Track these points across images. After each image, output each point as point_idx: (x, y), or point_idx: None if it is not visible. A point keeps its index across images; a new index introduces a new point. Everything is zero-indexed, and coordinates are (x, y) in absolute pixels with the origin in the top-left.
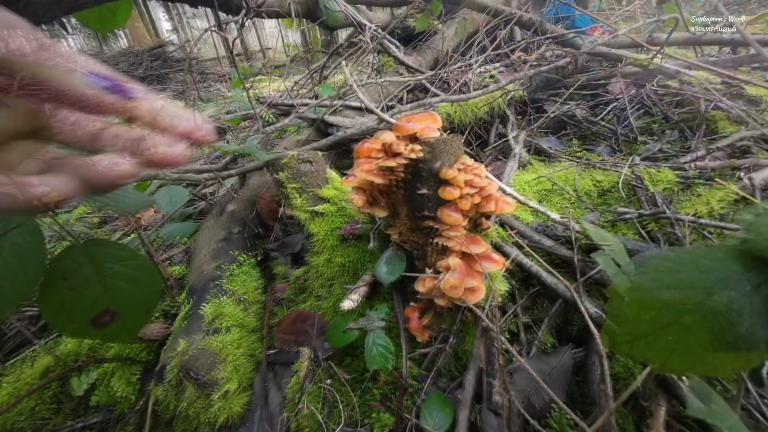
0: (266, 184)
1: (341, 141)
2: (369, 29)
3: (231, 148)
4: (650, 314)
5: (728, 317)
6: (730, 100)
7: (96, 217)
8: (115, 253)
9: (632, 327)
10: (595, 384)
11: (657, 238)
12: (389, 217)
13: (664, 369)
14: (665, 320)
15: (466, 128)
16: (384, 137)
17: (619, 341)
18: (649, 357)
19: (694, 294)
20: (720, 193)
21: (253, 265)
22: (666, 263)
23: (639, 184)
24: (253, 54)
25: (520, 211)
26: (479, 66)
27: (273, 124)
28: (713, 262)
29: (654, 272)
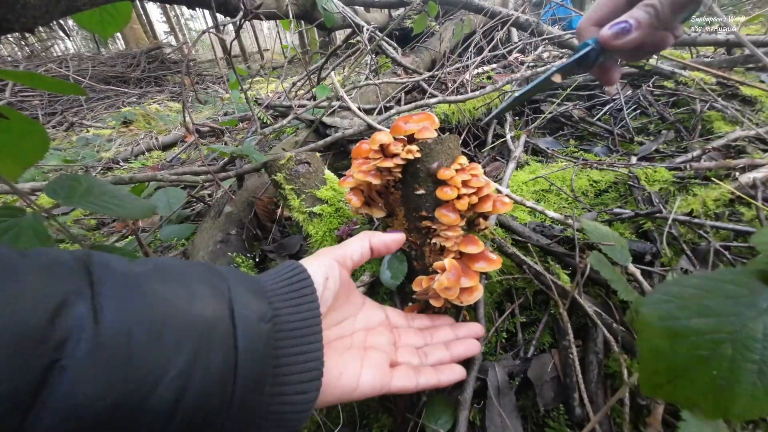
0: (264, 185)
1: (338, 142)
2: (366, 30)
3: (228, 150)
4: (686, 345)
5: (767, 345)
6: (725, 101)
7: (92, 220)
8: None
9: (670, 362)
10: (593, 383)
11: (654, 238)
12: (386, 218)
13: (715, 414)
14: (704, 351)
15: (463, 129)
16: (381, 138)
17: (659, 382)
18: (696, 400)
19: (727, 322)
20: (715, 193)
21: (250, 267)
22: (689, 290)
23: (635, 183)
24: (251, 55)
25: (518, 210)
26: (476, 67)
27: (270, 125)
28: (738, 287)
29: (679, 299)
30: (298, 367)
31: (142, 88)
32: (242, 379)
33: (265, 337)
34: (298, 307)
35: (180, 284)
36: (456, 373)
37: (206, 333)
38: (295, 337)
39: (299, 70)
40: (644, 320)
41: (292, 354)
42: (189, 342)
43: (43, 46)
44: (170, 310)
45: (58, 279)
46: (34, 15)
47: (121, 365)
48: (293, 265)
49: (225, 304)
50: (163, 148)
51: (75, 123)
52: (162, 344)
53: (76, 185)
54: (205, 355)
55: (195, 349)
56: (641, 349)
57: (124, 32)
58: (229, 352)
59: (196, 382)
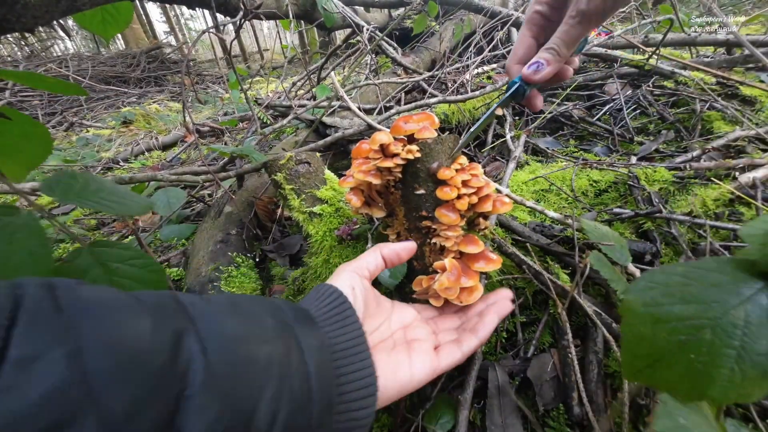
0: (264, 185)
1: (338, 142)
2: (366, 30)
3: (228, 150)
4: (666, 330)
5: (748, 332)
6: (725, 101)
7: (92, 220)
8: (120, 253)
9: (651, 346)
10: (592, 383)
11: (654, 238)
12: (386, 218)
13: (691, 397)
14: (683, 335)
15: (463, 129)
16: (381, 138)
17: (639, 366)
18: (674, 383)
19: (709, 308)
20: (715, 193)
21: (250, 267)
22: (675, 277)
23: (635, 183)
24: (251, 55)
25: (518, 210)
26: (476, 67)
27: (270, 125)
28: (724, 276)
29: (664, 287)
30: (355, 384)
31: (142, 88)
32: (317, 403)
33: (328, 362)
34: (344, 329)
35: (253, 318)
36: (490, 323)
37: (285, 362)
38: (348, 356)
39: (299, 70)
40: (628, 306)
41: (348, 372)
42: (275, 369)
43: (43, 46)
44: (253, 342)
45: (169, 318)
46: (35, 15)
47: (229, 393)
48: (329, 290)
49: (292, 336)
50: (163, 148)
51: (75, 123)
52: (255, 373)
53: (72, 182)
54: (288, 381)
55: (280, 375)
56: (624, 334)
57: (124, 32)
58: (304, 378)
59: (285, 405)
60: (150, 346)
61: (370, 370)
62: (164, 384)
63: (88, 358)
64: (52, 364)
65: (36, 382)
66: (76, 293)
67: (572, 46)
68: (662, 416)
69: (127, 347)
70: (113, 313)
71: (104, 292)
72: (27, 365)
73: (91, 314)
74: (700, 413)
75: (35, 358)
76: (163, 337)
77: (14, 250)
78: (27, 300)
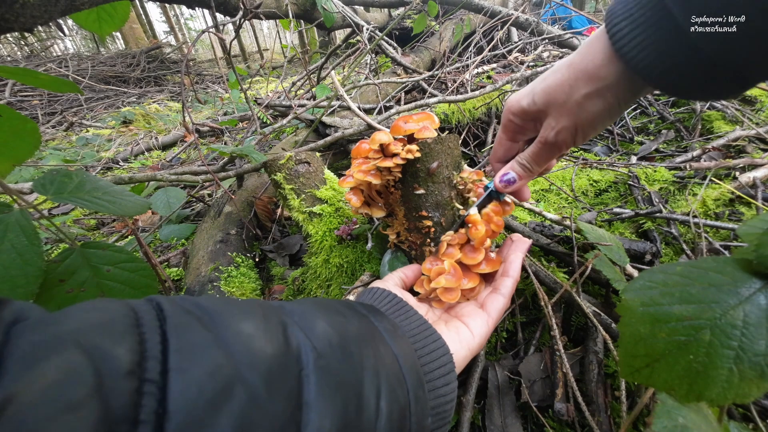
0: (263, 185)
1: (338, 141)
2: (366, 30)
3: (228, 150)
4: (665, 330)
5: (747, 332)
6: (725, 100)
7: (92, 220)
8: (111, 255)
9: (649, 347)
10: (592, 383)
11: (654, 238)
12: (386, 218)
13: (689, 398)
14: (682, 336)
15: (463, 128)
16: (380, 137)
17: (637, 366)
18: (672, 384)
19: (708, 309)
20: (715, 192)
21: (250, 267)
22: (673, 277)
23: (635, 183)
24: (251, 55)
25: (518, 210)
26: (476, 67)
27: (270, 125)
28: (722, 275)
29: (663, 286)
30: (435, 363)
31: (141, 87)
32: (408, 379)
33: (408, 344)
34: (408, 319)
35: (334, 310)
36: (516, 260)
37: (372, 343)
38: (420, 339)
39: (299, 70)
40: (627, 306)
41: (425, 354)
42: (368, 348)
43: (42, 46)
44: (342, 326)
45: (273, 313)
46: (33, 14)
47: (336, 369)
48: (380, 290)
49: (370, 322)
50: (163, 148)
51: (74, 123)
52: (352, 350)
53: (66, 181)
54: (381, 358)
55: (374, 353)
56: (622, 334)
57: (124, 32)
58: (391, 356)
59: (384, 380)
60: (273, 334)
61: (444, 348)
62: (287, 366)
63: (227, 344)
64: (206, 349)
65: (199, 364)
66: (192, 301)
67: (543, 164)
68: (661, 416)
69: (251, 335)
70: (231, 309)
71: (211, 298)
72: (187, 352)
73: (214, 311)
74: (700, 413)
75: (192, 345)
76: (274, 326)
77: (3, 249)
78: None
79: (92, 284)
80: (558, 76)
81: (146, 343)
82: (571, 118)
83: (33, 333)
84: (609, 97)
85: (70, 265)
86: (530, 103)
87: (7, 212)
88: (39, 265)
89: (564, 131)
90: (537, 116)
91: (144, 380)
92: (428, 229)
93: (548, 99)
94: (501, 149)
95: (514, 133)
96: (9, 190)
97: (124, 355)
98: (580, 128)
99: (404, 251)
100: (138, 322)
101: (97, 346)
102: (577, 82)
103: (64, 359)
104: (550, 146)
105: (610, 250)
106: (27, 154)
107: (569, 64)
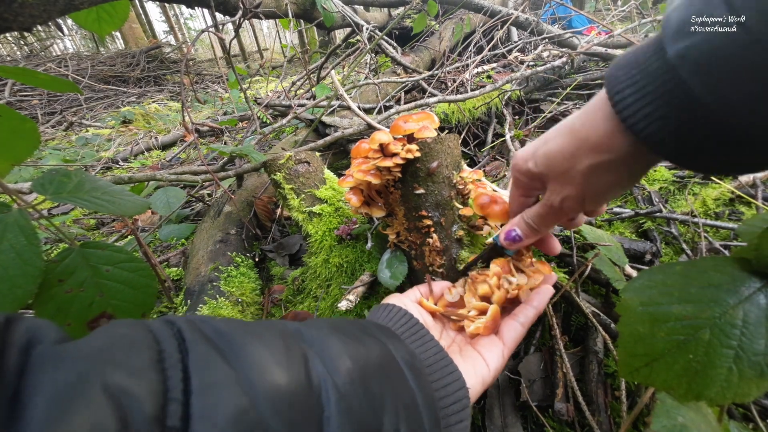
0: (263, 185)
1: (338, 141)
2: (366, 30)
3: (228, 149)
4: (665, 330)
5: (746, 332)
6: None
7: (92, 219)
8: (110, 255)
9: (648, 346)
10: (592, 383)
11: (654, 237)
12: (386, 218)
13: (688, 397)
14: (681, 335)
15: (463, 128)
16: (380, 137)
17: (636, 365)
18: (672, 383)
19: (707, 308)
20: (715, 192)
21: (250, 267)
22: (673, 276)
23: None
24: (250, 55)
25: None
26: (476, 66)
27: (270, 125)
28: (722, 275)
29: (662, 286)
30: (450, 398)
31: (141, 87)
32: (425, 415)
33: (425, 374)
34: (424, 345)
35: (351, 335)
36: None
37: (391, 373)
38: (436, 370)
39: (299, 70)
40: (626, 305)
41: (440, 387)
42: (388, 383)
43: (42, 46)
44: (361, 358)
45: (293, 342)
46: (32, 14)
47: (357, 410)
48: (397, 309)
49: (387, 349)
50: (163, 148)
51: (74, 122)
52: (373, 386)
53: (65, 180)
54: (399, 394)
55: (393, 390)
56: (621, 333)
57: (124, 31)
58: (408, 388)
59: (402, 419)
60: (291, 369)
61: (461, 382)
62: (309, 409)
63: (250, 384)
64: (229, 390)
65: (223, 410)
66: (212, 326)
67: (549, 227)
68: (660, 415)
69: (273, 372)
70: (252, 338)
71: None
72: (210, 394)
73: (235, 342)
74: (699, 412)
75: (215, 385)
76: (296, 360)
77: (2, 249)
78: (185, 333)
79: (91, 284)
80: (559, 142)
81: (169, 381)
82: (576, 188)
83: (56, 369)
84: (619, 170)
85: (69, 265)
86: (533, 165)
87: (6, 212)
88: (38, 265)
89: (569, 200)
90: (541, 178)
91: (166, 427)
92: (428, 229)
93: (549, 165)
94: (515, 204)
95: (525, 189)
96: (8, 189)
97: (148, 399)
98: (588, 197)
99: (404, 251)
100: (160, 356)
101: (122, 388)
102: (580, 151)
103: (91, 407)
104: (555, 211)
105: (609, 251)
106: (26, 154)
107: (570, 130)
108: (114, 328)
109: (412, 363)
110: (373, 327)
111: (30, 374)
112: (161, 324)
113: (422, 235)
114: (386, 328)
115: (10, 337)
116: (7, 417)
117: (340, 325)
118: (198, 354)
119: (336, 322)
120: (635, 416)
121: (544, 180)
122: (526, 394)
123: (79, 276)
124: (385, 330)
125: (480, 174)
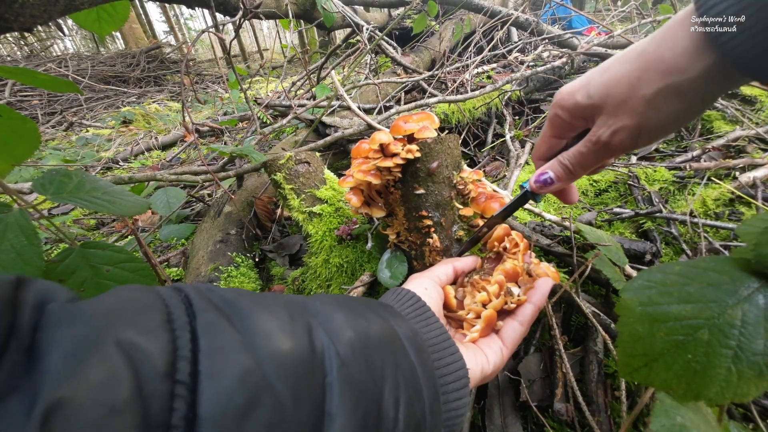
0: (263, 185)
1: (338, 141)
2: (366, 30)
3: (228, 150)
4: (664, 330)
5: (745, 332)
6: (725, 100)
7: (92, 220)
8: (111, 255)
9: (647, 346)
10: (592, 383)
11: (654, 237)
12: (386, 218)
13: (688, 397)
14: (680, 335)
15: (463, 128)
16: (380, 137)
17: (636, 365)
18: (671, 383)
19: (706, 308)
20: (715, 192)
21: (250, 267)
22: (672, 276)
23: (635, 183)
24: (251, 55)
25: (519, 210)
26: (476, 66)
27: (270, 125)
28: (721, 275)
29: (661, 286)
30: (450, 376)
31: (141, 87)
32: (425, 390)
33: (426, 351)
34: (429, 326)
35: (356, 310)
36: (543, 286)
37: (393, 348)
38: (438, 350)
39: (299, 70)
40: (625, 305)
41: (442, 366)
42: (389, 356)
43: (42, 46)
44: (364, 329)
45: (297, 312)
46: (33, 14)
47: (358, 378)
48: (405, 292)
49: (390, 325)
50: (163, 148)
51: (74, 123)
52: (374, 357)
53: (66, 180)
54: (401, 367)
55: (394, 362)
56: (620, 333)
57: (124, 32)
58: (410, 363)
59: (403, 391)
60: (297, 337)
61: (461, 363)
62: (312, 373)
63: (255, 347)
64: (235, 352)
65: (230, 369)
66: (219, 294)
67: (587, 169)
68: (659, 415)
69: (278, 338)
70: (258, 306)
71: (236, 292)
72: (217, 355)
73: (242, 309)
74: (699, 412)
75: (222, 348)
76: (300, 328)
77: (3, 249)
78: (192, 299)
79: (92, 284)
80: (623, 68)
81: (178, 341)
82: (635, 117)
83: (71, 325)
84: (690, 94)
85: (69, 265)
86: (585, 96)
87: (6, 212)
88: (38, 265)
89: (622, 132)
90: (591, 112)
91: (176, 382)
92: (428, 229)
93: (607, 93)
94: (544, 146)
95: (561, 129)
96: (8, 190)
97: (159, 356)
98: (646, 130)
99: (404, 251)
100: (169, 317)
101: (134, 344)
102: (648, 74)
103: (106, 360)
104: (602, 147)
105: (609, 251)
106: (26, 154)
107: (640, 52)
108: (124, 291)
109: (413, 339)
110: (377, 305)
111: (45, 329)
112: (170, 290)
113: (422, 235)
114: (390, 307)
115: (24, 295)
116: (24, 368)
117: (344, 300)
118: (206, 318)
119: (340, 298)
120: (635, 416)
121: (593, 113)
122: (526, 394)
123: (80, 276)
124: (389, 308)
125: (480, 174)
